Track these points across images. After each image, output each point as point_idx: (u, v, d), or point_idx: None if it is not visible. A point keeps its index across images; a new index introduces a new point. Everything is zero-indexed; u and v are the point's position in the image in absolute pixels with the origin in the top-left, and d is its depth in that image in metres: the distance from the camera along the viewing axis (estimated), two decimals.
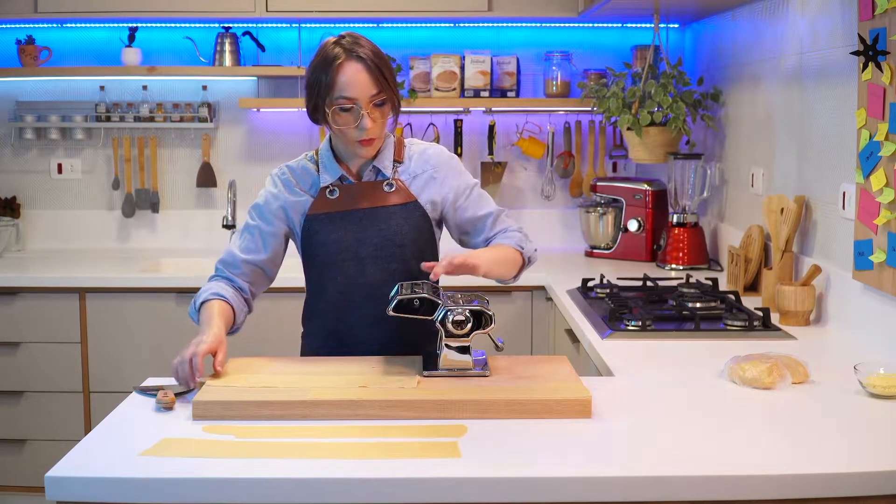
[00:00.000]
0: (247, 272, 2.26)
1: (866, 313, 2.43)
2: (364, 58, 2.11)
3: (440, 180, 2.27)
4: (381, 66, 2.12)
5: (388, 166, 2.25)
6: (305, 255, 2.29)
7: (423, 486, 1.56)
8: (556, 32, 4.19)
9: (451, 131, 4.18)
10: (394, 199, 2.23)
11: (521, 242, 2.29)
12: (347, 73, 2.10)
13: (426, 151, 2.30)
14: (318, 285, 2.28)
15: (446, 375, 2.00)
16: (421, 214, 2.25)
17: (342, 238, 2.22)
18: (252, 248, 2.26)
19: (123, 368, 3.57)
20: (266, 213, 2.26)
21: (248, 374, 2.02)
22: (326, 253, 2.24)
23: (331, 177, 2.24)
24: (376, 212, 2.23)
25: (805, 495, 1.59)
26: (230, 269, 2.26)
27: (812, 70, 2.80)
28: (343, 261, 2.22)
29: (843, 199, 2.56)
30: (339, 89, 2.11)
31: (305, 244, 2.27)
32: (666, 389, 2.06)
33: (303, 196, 2.25)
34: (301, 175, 2.27)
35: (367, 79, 2.10)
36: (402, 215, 2.23)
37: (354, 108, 2.11)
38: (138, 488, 1.56)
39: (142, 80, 4.13)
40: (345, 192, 2.23)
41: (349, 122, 2.13)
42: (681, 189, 3.65)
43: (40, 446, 3.66)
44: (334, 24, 4.07)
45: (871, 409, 1.91)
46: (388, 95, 2.14)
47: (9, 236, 4.11)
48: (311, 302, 2.33)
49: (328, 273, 2.25)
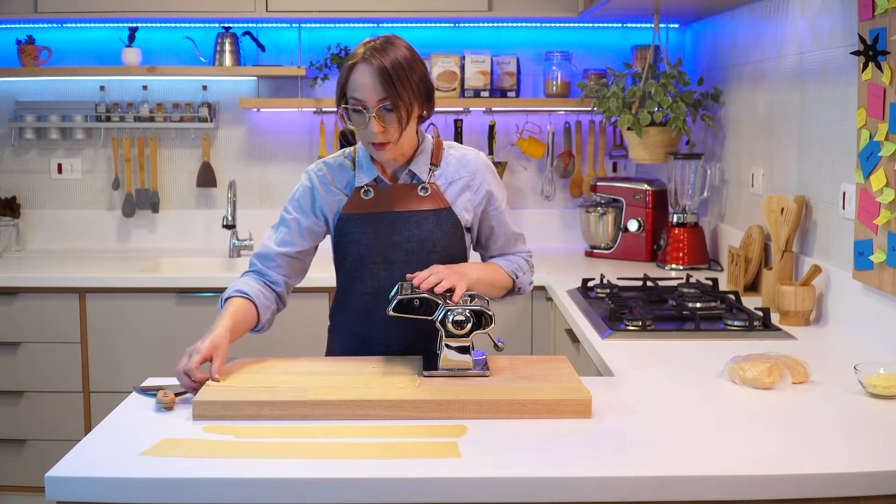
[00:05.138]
0: (282, 264, 2.26)
1: (866, 313, 2.43)
2: (377, 62, 2.10)
3: (475, 187, 2.28)
4: (394, 74, 2.10)
5: (424, 170, 2.25)
6: (337, 254, 2.31)
7: (423, 486, 1.56)
8: (556, 32, 4.19)
9: (451, 131, 4.18)
10: (427, 204, 2.24)
11: (518, 271, 2.33)
12: (357, 75, 2.11)
13: (465, 157, 2.30)
14: (348, 284, 2.29)
15: (446, 375, 2.00)
16: (454, 221, 2.25)
17: (373, 240, 2.23)
18: (288, 240, 2.27)
19: (123, 368, 3.58)
20: (303, 205, 2.27)
21: (248, 374, 2.02)
22: (357, 254, 2.24)
23: (367, 177, 2.24)
24: (409, 216, 2.23)
25: (805, 495, 1.59)
26: (264, 262, 2.25)
27: (812, 70, 2.80)
28: (373, 263, 2.23)
29: (844, 199, 2.56)
30: (350, 90, 2.13)
31: (337, 243, 2.28)
32: (666, 389, 2.06)
33: (338, 194, 2.26)
34: (337, 172, 2.28)
35: (373, 83, 2.10)
36: (435, 221, 2.24)
37: (364, 110, 2.12)
38: (138, 488, 1.56)
39: (142, 80, 4.13)
40: (379, 194, 2.24)
41: (358, 123, 2.15)
42: (681, 189, 3.65)
43: (40, 446, 3.66)
44: (334, 24, 4.08)
45: (871, 409, 1.91)
46: (396, 103, 2.11)
47: (9, 236, 4.11)
48: (339, 299, 2.34)
49: (358, 274, 2.26)
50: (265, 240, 2.30)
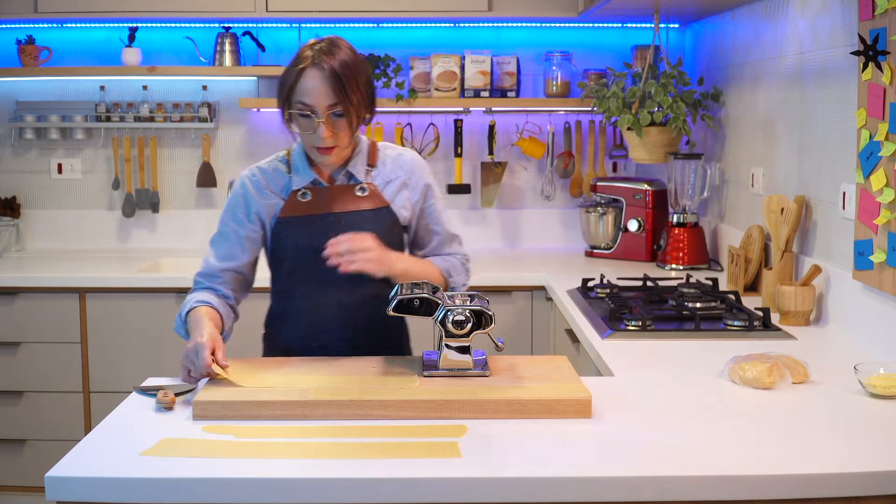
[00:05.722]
0: (228, 280, 2.22)
1: (866, 313, 2.43)
2: (327, 68, 2.09)
3: (413, 185, 2.28)
4: (344, 78, 2.09)
5: (361, 171, 2.24)
6: (274, 258, 2.27)
7: (423, 486, 1.56)
8: (556, 32, 4.19)
9: (451, 131, 4.18)
10: (366, 204, 2.22)
11: (452, 271, 2.29)
12: (307, 79, 2.09)
13: (401, 156, 2.30)
14: (287, 288, 2.25)
15: (446, 375, 2.00)
16: (393, 220, 2.25)
17: (312, 242, 2.19)
18: (229, 254, 2.23)
19: (123, 368, 3.57)
20: (238, 214, 2.24)
21: (248, 374, 2.02)
22: (297, 256, 2.22)
23: (303, 180, 2.22)
24: (348, 216, 2.21)
25: (805, 495, 1.59)
26: (210, 280, 2.22)
27: (812, 70, 2.80)
28: (314, 265, 2.19)
29: (844, 199, 2.56)
30: (299, 94, 2.11)
31: (275, 247, 2.25)
32: (666, 389, 2.06)
33: (273, 198, 2.23)
34: (272, 176, 2.25)
35: (325, 89, 2.09)
36: (374, 220, 2.22)
37: (312, 115, 2.10)
38: (138, 488, 1.56)
39: (142, 80, 4.13)
40: (317, 196, 2.22)
41: (306, 128, 2.13)
42: (681, 189, 3.65)
43: (40, 446, 3.67)
44: (334, 24, 4.07)
45: (871, 409, 1.91)
46: (347, 108, 2.11)
47: (9, 236, 4.11)
48: (279, 304, 2.30)
49: (298, 277, 2.23)
50: (206, 257, 2.25)
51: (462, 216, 4.27)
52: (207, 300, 2.16)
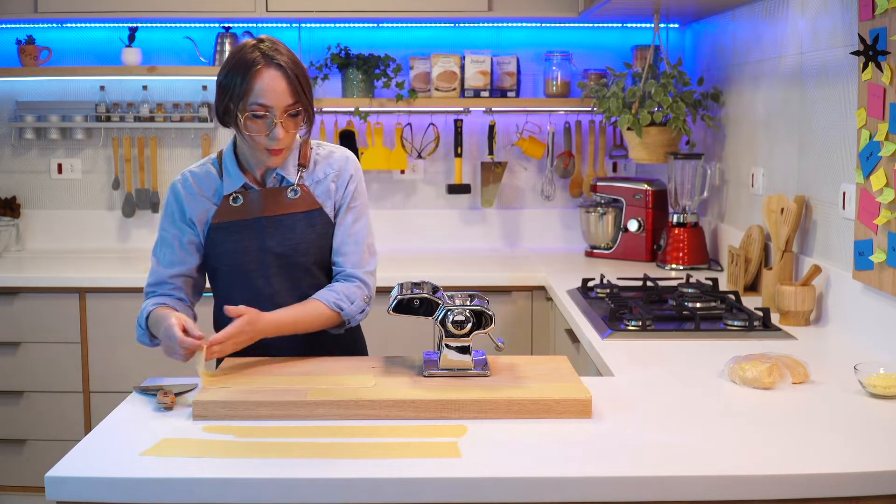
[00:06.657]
0: (179, 285, 2.20)
1: (866, 313, 2.43)
2: (283, 66, 2.06)
3: (339, 186, 2.23)
4: (299, 76, 2.08)
5: (292, 172, 2.19)
6: (210, 265, 2.23)
7: (423, 486, 1.56)
8: (556, 32, 4.19)
9: (451, 131, 4.18)
10: (298, 207, 2.18)
11: (341, 302, 2.16)
12: (265, 80, 2.05)
13: (332, 155, 2.25)
14: (225, 294, 2.22)
15: (446, 375, 2.00)
16: (325, 221, 2.21)
17: (247, 248, 2.17)
18: (175, 259, 2.20)
19: (123, 368, 3.57)
20: (176, 220, 2.21)
21: (248, 374, 2.02)
22: (232, 262, 2.19)
23: (234, 183, 2.18)
24: (281, 220, 2.18)
25: (805, 495, 1.59)
26: (161, 287, 2.20)
27: (812, 70, 2.80)
28: (249, 271, 2.18)
29: (844, 199, 2.56)
30: (255, 95, 2.06)
31: (210, 253, 2.21)
32: (666, 389, 2.06)
33: (206, 203, 2.20)
34: (204, 180, 2.21)
35: (284, 88, 2.06)
36: (307, 223, 2.19)
37: (268, 116, 2.07)
38: (138, 488, 1.56)
39: (142, 80, 4.13)
40: (248, 200, 2.18)
41: (261, 129, 2.08)
42: (681, 189, 3.66)
43: (40, 446, 3.66)
44: (334, 24, 4.08)
45: (871, 409, 1.91)
46: (304, 106, 2.10)
47: (9, 236, 4.11)
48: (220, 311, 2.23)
49: (234, 283, 2.20)
50: (153, 266, 2.22)
51: (462, 216, 4.28)
52: (164, 303, 2.16)
